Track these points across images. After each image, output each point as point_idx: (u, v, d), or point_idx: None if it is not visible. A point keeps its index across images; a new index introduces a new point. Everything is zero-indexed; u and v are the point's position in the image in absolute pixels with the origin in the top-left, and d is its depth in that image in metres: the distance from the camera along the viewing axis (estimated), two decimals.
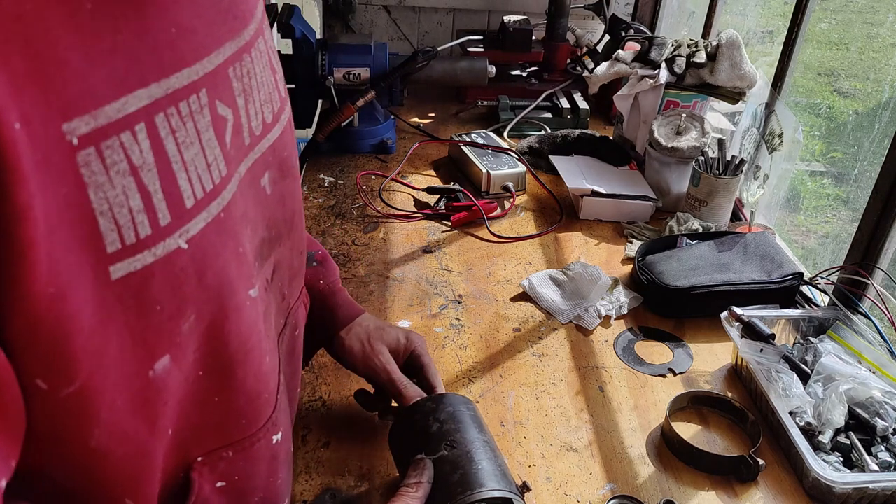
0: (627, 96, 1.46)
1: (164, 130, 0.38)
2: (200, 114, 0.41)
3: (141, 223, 0.36)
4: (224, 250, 0.44)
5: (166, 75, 0.38)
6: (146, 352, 0.39)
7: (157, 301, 0.39)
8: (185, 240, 0.39)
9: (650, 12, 1.97)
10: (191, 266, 0.40)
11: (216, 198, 0.42)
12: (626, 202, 1.32)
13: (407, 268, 1.16)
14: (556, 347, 1.00)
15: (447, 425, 0.69)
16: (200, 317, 0.43)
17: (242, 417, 0.51)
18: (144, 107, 0.36)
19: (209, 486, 0.49)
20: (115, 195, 0.35)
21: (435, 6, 2.06)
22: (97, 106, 0.34)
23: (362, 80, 1.48)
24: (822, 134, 2.73)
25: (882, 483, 0.75)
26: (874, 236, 1.01)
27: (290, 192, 0.57)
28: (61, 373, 0.35)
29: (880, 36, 3.02)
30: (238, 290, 0.46)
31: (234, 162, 0.45)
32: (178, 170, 0.39)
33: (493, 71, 1.64)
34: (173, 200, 0.38)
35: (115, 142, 0.35)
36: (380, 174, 1.45)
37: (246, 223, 0.48)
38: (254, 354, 0.50)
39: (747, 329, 0.96)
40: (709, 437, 0.87)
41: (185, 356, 0.43)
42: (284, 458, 0.59)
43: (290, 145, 0.56)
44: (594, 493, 0.78)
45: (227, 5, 0.45)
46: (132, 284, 0.37)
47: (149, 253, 0.37)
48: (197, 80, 0.40)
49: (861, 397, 0.85)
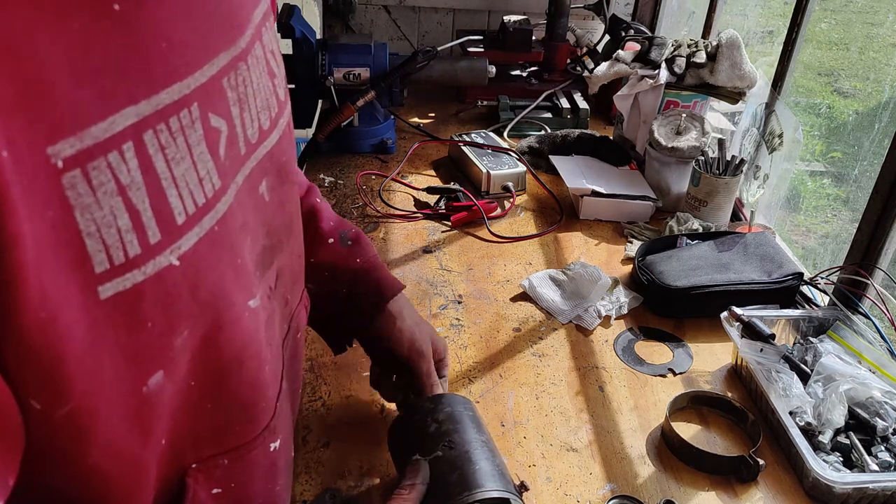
0: (627, 96, 1.46)
1: (153, 148, 0.37)
2: (192, 128, 0.40)
3: (130, 242, 0.36)
4: (220, 263, 0.43)
5: (156, 91, 0.37)
6: (139, 368, 0.39)
7: (149, 318, 0.38)
8: (176, 256, 0.39)
9: (650, 12, 1.97)
10: (183, 282, 0.40)
11: (209, 211, 0.42)
12: (626, 202, 1.32)
13: (407, 268, 1.16)
14: (556, 347, 1.00)
15: (445, 426, 0.69)
16: (194, 331, 0.42)
17: (237, 425, 0.50)
18: (132, 124, 0.36)
19: (205, 493, 0.49)
20: (102, 216, 0.34)
21: (435, 6, 2.06)
22: (83, 127, 0.33)
23: (362, 80, 1.48)
24: (822, 134, 2.73)
25: (882, 483, 0.75)
26: (874, 236, 1.01)
27: (289, 197, 0.57)
28: (55, 394, 0.34)
29: (880, 36, 3.02)
30: (235, 301, 0.46)
31: (229, 173, 0.45)
32: (168, 187, 0.38)
33: (493, 71, 1.64)
34: (163, 218, 0.38)
35: (102, 162, 0.34)
36: (380, 174, 1.45)
37: (246, 233, 0.48)
38: (250, 364, 0.49)
39: (747, 329, 0.96)
40: (709, 437, 0.87)
41: (178, 369, 0.42)
42: (283, 466, 0.58)
43: (288, 150, 0.55)
44: (594, 493, 0.78)
45: (222, 15, 0.44)
46: (121, 303, 0.36)
47: (138, 272, 0.37)
48: (188, 94, 0.40)
49: (861, 397, 0.85)
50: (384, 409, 0.87)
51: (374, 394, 0.89)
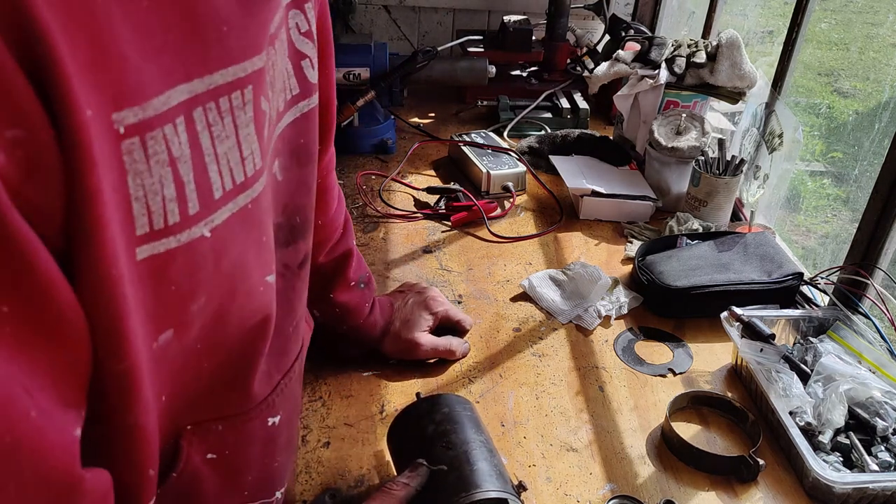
0: (627, 96, 1.46)
1: (201, 125, 0.39)
2: (242, 109, 0.42)
3: (171, 211, 0.38)
4: (246, 239, 0.46)
5: (210, 72, 0.39)
6: (154, 326, 0.41)
7: (173, 282, 0.40)
8: (209, 229, 0.41)
9: (650, 12, 1.97)
10: (210, 253, 0.42)
11: (246, 190, 0.44)
12: (626, 202, 1.32)
13: (407, 268, 1.16)
14: (556, 347, 1.00)
15: (443, 426, 0.69)
16: (210, 299, 0.44)
17: (233, 392, 0.52)
18: (185, 101, 0.38)
19: (199, 457, 0.50)
20: (151, 183, 0.37)
21: (435, 6, 2.06)
22: (145, 99, 0.35)
23: (362, 80, 1.48)
24: (822, 134, 2.73)
25: (882, 483, 0.75)
26: (874, 236, 1.01)
27: (314, 179, 0.59)
28: (116, 350, 0.37)
29: (880, 36, 3.02)
30: (252, 275, 0.48)
31: (266, 154, 0.47)
32: (210, 162, 0.40)
33: (493, 71, 1.64)
34: (203, 192, 0.40)
35: (159, 133, 0.36)
36: (380, 174, 1.45)
37: (270, 211, 0.50)
38: (258, 335, 0.51)
39: (747, 329, 0.96)
40: (709, 437, 0.86)
41: (189, 332, 0.44)
42: (284, 444, 0.59)
43: (308, 132, 0.56)
44: (594, 493, 0.78)
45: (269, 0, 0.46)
46: (153, 266, 0.38)
47: (173, 239, 0.39)
48: (244, 77, 0.42)
49: (861, 397, 0.85)
50: (384, 409, 0.87)
51: (374, 394, 0.89)
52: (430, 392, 0.88)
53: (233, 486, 0.54)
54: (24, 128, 0.30)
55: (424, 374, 0.93)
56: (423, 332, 0.93)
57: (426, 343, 0.92)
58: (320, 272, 0.82)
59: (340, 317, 0.86)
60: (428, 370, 0.94)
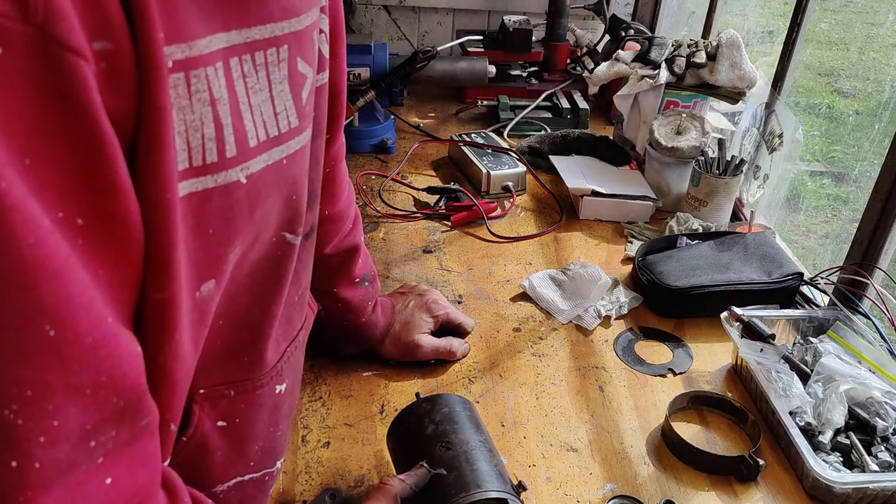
0: (627, 96, 1.46)
1: (237, 73, 0.41)
2: (277, 66, 0.44)
3: (210, 150, 0.40)
4: (277, 193, 0.47)
5: (248, 26, 0.41)
6: (197, 273, 0.42)
7: (211, 225, 0.41)
8: (245, 175, 0.43)
9: (650, 12, 1.97)
10: (245, 201, 0.43)
11: (280, 144, 0.46)
12: (626, 202, 1.32)
13: (407, 268, 1.16)
14: (556, 347, 1.00)
15: (443, 426, 0.69)
16: (241, 248, 0.45)
17: (246, 356, 0.52)
18: (223, 48, 0.40)
19: (210, 423, 0.51)
20: (192, 120, 0.38)
21: (435, 6, 2.06)
22: (192, 38, 0.37)
23: (362, 80, 1.48)
24: (822, 134, 2.72)
25: (882, 483, 0.75)
26: (874, 236, 1.01)
27: (322, 154, 0.60)
28: (159, 276, 0.38)
29: (880, 36, 3.01)
30: (273, 230, 0.49)
31: (307, 118, 0.49)
32: (245, 111, 0.42)
33: (493, 71, 1.64)
34: (240, 137, 0.42)
35: (202, 73, 0.38)
36: (380, 174, 1.45)
37: (305, 173, 0.52)
38: (270, 291, 0.52)
39: (747, 329, 0.96)
40: (709, 437, 0.86)
41: (224, 282, 0.45)
42: (287, 412, 0.60)
43: (319, 106, 0.58)
44: (594, 493, 0.78)
45: None
46: (192, 204, 0.39)
47: (210, 178, 0.40)
48: (280, 36, 0.44)
49: (861, 397, 0.85)
50: (384, 409, 0.87)
51: (374, 394, 0.89)
52: (430, 392, 0.88)
53: (239, 456, 0.54)
54: (111, 41, 0.32)
55: (424, 374, 0.93)
56: (424, 334, 0.93)
57: (426, 344, 0.92)
58: (325, 265, 0.81)
59: (342, 313, 0.86)
60: (428, 370, 0.94)
